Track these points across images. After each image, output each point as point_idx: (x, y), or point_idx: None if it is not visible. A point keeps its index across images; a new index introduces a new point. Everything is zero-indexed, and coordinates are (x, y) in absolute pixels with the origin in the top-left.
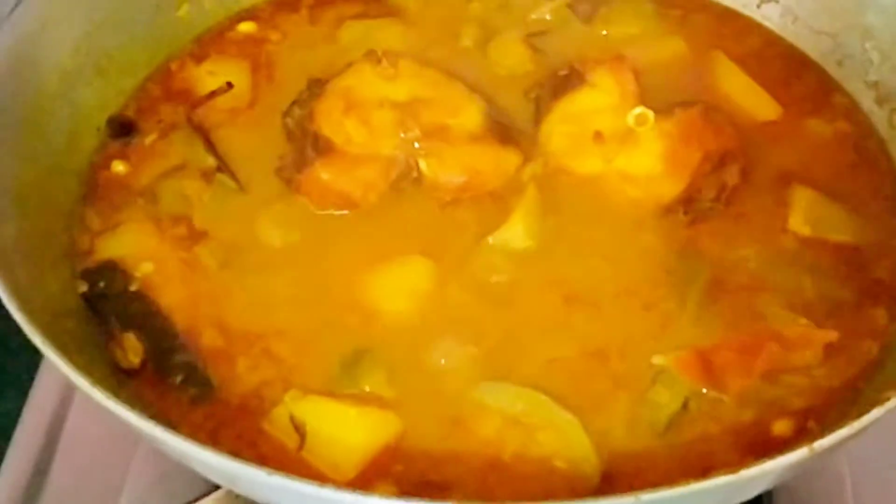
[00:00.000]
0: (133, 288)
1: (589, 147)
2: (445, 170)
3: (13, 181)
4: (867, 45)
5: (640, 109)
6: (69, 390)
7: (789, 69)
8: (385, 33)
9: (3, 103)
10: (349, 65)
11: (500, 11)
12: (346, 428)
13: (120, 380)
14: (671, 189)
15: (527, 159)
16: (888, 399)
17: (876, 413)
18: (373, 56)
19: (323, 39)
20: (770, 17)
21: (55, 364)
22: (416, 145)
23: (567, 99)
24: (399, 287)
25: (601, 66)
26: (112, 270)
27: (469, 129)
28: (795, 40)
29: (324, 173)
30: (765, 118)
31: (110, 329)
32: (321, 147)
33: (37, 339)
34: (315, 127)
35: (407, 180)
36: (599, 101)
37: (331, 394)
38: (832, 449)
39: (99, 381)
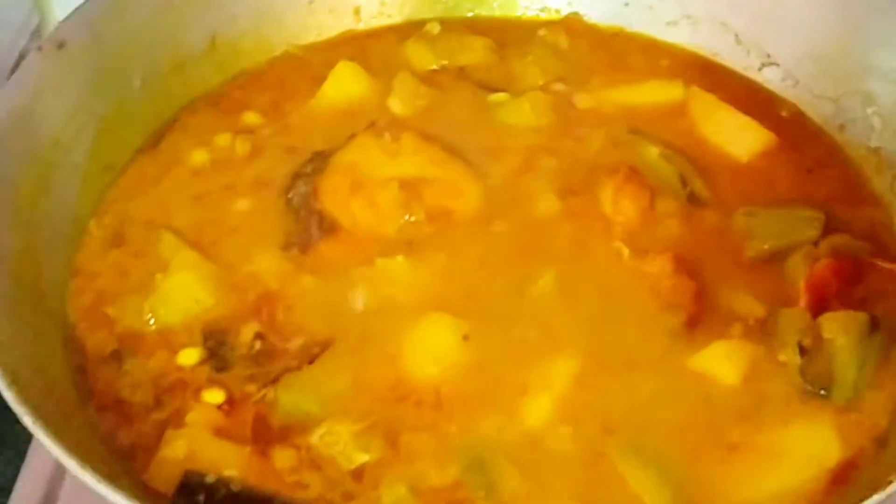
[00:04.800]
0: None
1: None
2: None
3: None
4: (869, 111)
5: None
6: None
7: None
8: None
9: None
10: (352, 136)
11: None
12: None
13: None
14: None
15: None
16: (890, 482)
17: (877, 498)
18: (376, 129)
19: None
20: (771, 80)
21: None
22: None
23: None
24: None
25: None
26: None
27: (468, 212)
28: (797, 104)
29: (330, 253)
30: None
31: None
32: (326, 226)
33: (27, 420)
34: (320, 205)
35: None
36: None
37: None
38: None
39: (88, 459)
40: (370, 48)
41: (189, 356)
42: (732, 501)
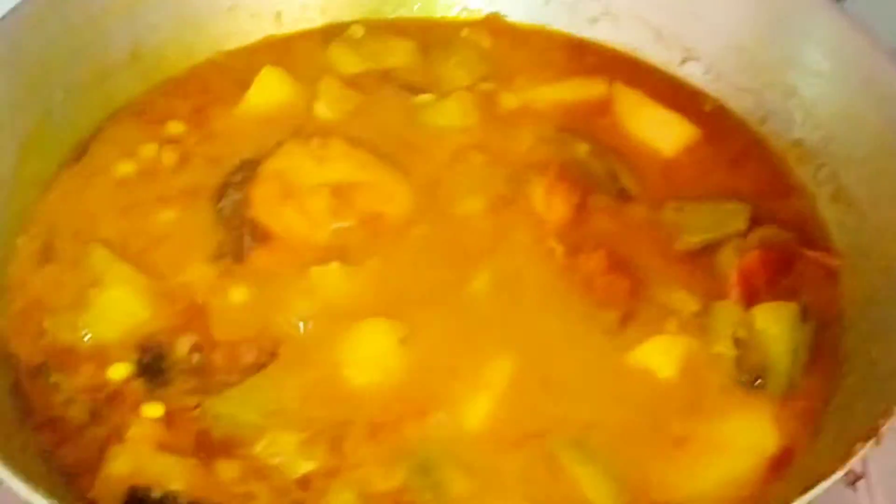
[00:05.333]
0: None
1: None
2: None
3: None
4: (790, 103)
5: None
6: None
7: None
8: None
9: None
10: (279, 144)
11: None
12: None
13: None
14: None
15: None
16: (825, 477)
17: (815, 492)
18: (303, 135)
19: None
20: (693, 75)
21: None
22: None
23: None
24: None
25: None
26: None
27: (399, 216)
28: (719, 98)
29: (263, 262)
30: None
31: None
32: (259, 235)
33: None
34: (251, 214)
35: None
36: None
37: None
38: None
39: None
40: (293, 52)
41: (118, 371)
42: (678, 493)
